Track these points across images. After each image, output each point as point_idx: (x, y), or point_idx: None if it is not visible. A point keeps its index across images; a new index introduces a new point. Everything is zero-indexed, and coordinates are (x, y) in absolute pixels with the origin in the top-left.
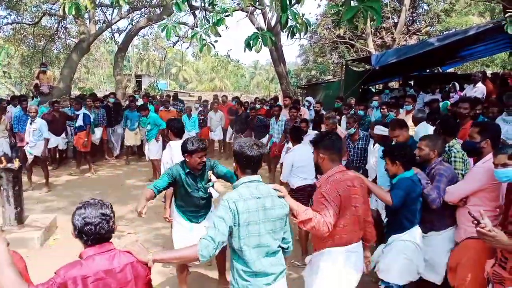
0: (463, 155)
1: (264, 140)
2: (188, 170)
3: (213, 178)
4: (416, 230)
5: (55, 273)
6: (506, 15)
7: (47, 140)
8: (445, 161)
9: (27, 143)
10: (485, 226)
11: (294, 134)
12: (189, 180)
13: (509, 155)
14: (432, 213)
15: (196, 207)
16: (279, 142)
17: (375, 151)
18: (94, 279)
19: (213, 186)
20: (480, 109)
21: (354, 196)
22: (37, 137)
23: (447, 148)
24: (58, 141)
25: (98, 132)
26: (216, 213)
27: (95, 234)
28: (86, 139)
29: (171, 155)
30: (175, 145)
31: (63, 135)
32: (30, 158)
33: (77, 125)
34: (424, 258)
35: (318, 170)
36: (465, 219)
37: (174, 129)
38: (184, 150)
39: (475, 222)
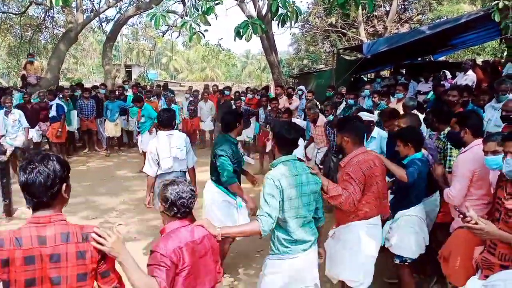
0: (457, 151)
1: (249, 129)
2: (236, 141)
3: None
4: (420, 206)
5: (153, 251)
6: (493, 3)
7: (27, 129)
8: (440, 149)
9: (3, 136)
10: (471, 220)
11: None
12: (237, 150)
13: (498, 142)
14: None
15: (239, 176)
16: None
17: None
18: (186, 249)
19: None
20: (467, 97)
21: (376, 174)
22: (17, 128)
23: (442, 136)
24: (32, 134)
25: (74, 122)
26: (265, 191)
27: (185, 208)
28: (60, 130)
29: (157, 146)
30: (162, 135)
31: (37, 127)
32: (10, 150)
33: (50, 115)
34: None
35: (342, 152)
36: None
37: (162, 119)
38: (235, 119)
39: (461, 216)
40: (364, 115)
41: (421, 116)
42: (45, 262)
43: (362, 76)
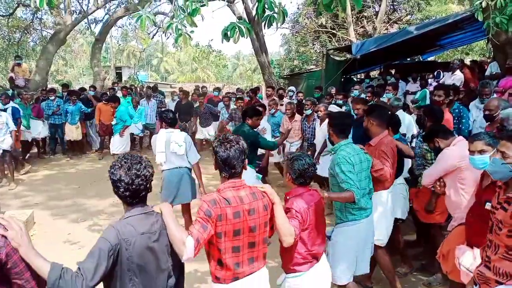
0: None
1: (211, 127)
2: (250, 128)
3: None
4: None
5: (289, 207)
6: (476, 2)
7: (15, 132)
8: (432, 149)
9: None
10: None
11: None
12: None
13: (486, 142)
14: None
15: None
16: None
17: (323, 129)
18: (311, 209)
19: None
20: (453, 96)
21: (396, 152)
22: (4, 131)
23: None
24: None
25: (37, 127)
26: (342, 169)
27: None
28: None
29: (155, 142)
30: (162, 131)
31: None
32: None
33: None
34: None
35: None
36: (454, 207)
37: (169, 119)
38: (248, 113)
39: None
40: (333, 108)
41: (408, 117)
42: (245, 216)
43: (352, 76)
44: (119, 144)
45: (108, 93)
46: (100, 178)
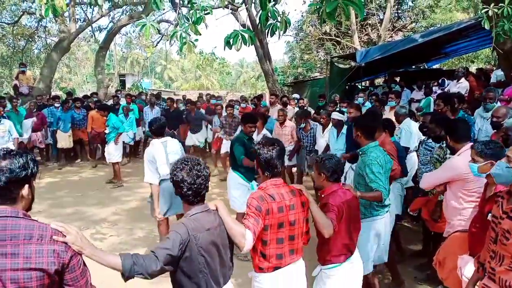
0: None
1: (200, 134)
2: (247, 137)
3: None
4: None
5: (326, 202)
6: (483, 11)
7: (17, 140)
8: (440, 158)
9: None
10: None
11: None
12: (250, 144)
13: (477, 151)
14: None
15: (253, 168)
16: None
17: (325, 136)
18: (345, 203)
19: None
20: (458, 105)
21: None
22: (7, 138)
23: (444, 145)
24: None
25: (24, 134)
26: (373, 169)
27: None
28: None
29: (153, 153)
30: (157, 143)
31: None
32: None
33: None
34: None
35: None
36: (452, 213)
37: (154, 128)
38: (242, 119)
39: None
40: (335, 115)
41: (415, 125)
42: (287, 210)
43: (356, 84)
44: (115, 152)
45: (112, 100)
46: (103, 186)
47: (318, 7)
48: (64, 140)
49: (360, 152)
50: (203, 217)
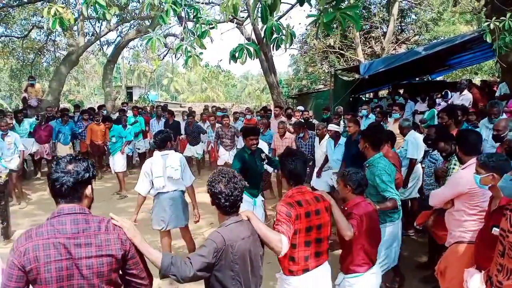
0: None
1: (199, 146)
2: (249, 151)
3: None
4: None
5: (350, 212)
6: (484, 24)
7: (23, 152)
8: (445, 169)
9: None
10: None
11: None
12: (251, 158)
13: (479, 163)
14: None
15: (256, 184)
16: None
17: (322, 146)
18: (367, 215)
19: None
20: (462, 117)
21: None
22: (12, 151)
23: (449, 158)
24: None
25: (28, 146)
26: (383, 178)
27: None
28: None
29: (151, 166)
30: (157, 155)
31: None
32: (4, 173)
33: None
34: None
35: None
36: (453, 224)
37: (156, 141)
38: (243, 134)
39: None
40: (332, 127)
41: (420, 136)
42: (313, 215)
43: (360, 96)
44: (121, 162)
45: (118, 113)
46: (109, 198)
47: (316, 18)
48: (65, 152)
49: (367, 165)
50: (237, 227)
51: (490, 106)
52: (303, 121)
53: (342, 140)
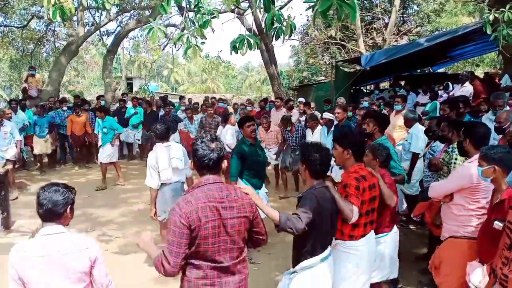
0: (465, 158)
1: (176, 135)
2: (249, 142)
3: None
4: None
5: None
6: (484, 15)
7: (20, 142)
8: (446, 162)
9: None
10: None
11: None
12: (252, 149)
13: (481, 155)
14: None
15: (259, 174)
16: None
17: (315, 136)
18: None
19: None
20: (463, 109)
21: None
22: (8, 141)
23: (450, 149)
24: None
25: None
26: (393, 157)
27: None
28: None
29: (157, 158)
30: (161, 147)
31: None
32: (1, 163)
33: None
34: None
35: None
36: (449, 217)
37: (156, 132)
38: (239, 124)
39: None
40: (326, 115)
41: (422, 129)
42: (372, 188)
43: (361, 87)
44: (107, 153)
45: (118, 104)
46: (109, 188)
47: (313, 4)
48: (41, 145)
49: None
50: (324, 191)
51: (494, 98)
52: (287, 116)
53: (334, 127)
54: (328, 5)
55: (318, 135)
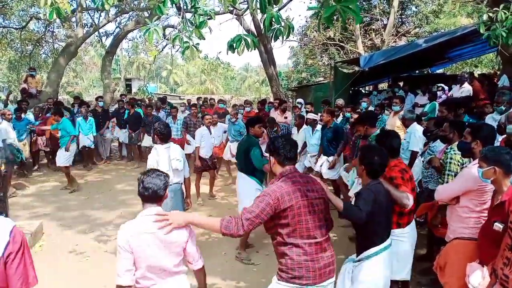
0: (460, 158)
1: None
2: (258, 139)
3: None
4: None
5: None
6: (479, 15)
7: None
8: (443, 162)
9: None
10: None
11: None
12: (259, 146)
13: (481, 156)
14: None
15: (263, 171)
16: (180, 137)
17: (300, 134)
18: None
19: None
20: (463, 109)
21: None
22: None
23: (448, 150)
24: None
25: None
26: None
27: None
28: None
29: (157, 159)
30: (161, 148)
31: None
32: None
33: None
34: None
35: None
36: (454, 219)
37: (160, 133)
38: (249, 124)
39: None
40: (310, 115)
41: (421, 129)
42: (412, 179)
43: (360, 88)
44: (64, 157)
45: (117, 104)
46: (109, 189)
47: (317, 10)
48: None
49: (370, 140)
50: (378, 186)
51: (498, 95)
52: (273, 118)
53: (319, 127)
54: (332, 11)
55: (303, 134)
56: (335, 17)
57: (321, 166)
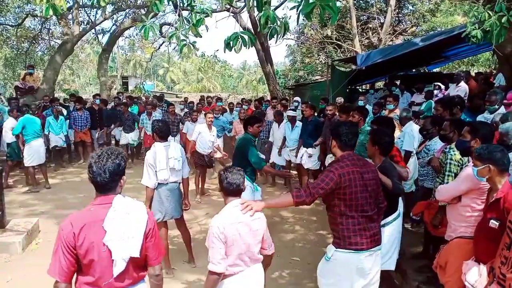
0: (460, 158)
1: (133, 134)
2: (255, 138)
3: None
4: None
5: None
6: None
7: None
8: (443, 162)
9: None
10: None
11: None
12: (255, 145)
13: (475, 155)
14: None
15: (255, 169)
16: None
17: (281, 129)
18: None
19: None
20: (456, 108)
21: None
22: None
23: (447, 150)
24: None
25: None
26: None
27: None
28: None
29: (155, 157)
30: (159, 146)
31: None
32: None
33: None
34: None
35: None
36: (456, 218)
37: (159, 131)
38: (247, 122)
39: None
40: (290, 112)
41: (417, 127)
42: None
43: (357, 87)
44: (26, 156)
45: (114, 102)
46: None
47: (297, 5)
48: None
49: (360, 131)
50: (389, 162)
51: (489, 95)
52: (261, 111)
53: (298, 123)
54: (311, 7)
55: (283, 129)
56: (315, 12)
57: (301, 157)
